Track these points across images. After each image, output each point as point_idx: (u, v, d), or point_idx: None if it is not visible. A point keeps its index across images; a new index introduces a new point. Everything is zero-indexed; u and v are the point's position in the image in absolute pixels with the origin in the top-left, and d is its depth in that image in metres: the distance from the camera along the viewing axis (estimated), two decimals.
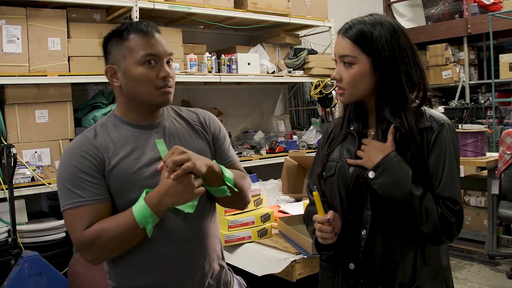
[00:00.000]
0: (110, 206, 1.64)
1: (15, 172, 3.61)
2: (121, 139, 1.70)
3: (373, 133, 1.70)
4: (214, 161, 1.71)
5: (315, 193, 1.64)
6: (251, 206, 2.81)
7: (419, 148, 1.60)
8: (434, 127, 1.61)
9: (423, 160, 1.60)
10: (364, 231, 1.64)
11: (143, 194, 1.60)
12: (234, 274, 1.97)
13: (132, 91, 1.70)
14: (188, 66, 4.80)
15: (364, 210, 1.64)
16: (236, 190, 1.75)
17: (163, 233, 1.67)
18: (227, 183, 1.71)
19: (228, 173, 1.74)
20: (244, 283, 2.02)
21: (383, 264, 1.64)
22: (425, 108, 1.68)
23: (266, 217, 2.78)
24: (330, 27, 5.93)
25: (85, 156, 1.62)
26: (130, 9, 4.31)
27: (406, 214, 1.57)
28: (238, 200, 1.83)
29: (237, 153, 4.09)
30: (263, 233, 2.74)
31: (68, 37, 4.10)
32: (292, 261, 2.38)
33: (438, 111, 1.71)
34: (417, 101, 1.67)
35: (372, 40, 1.61)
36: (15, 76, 3.81)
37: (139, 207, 1.57)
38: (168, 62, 1.73)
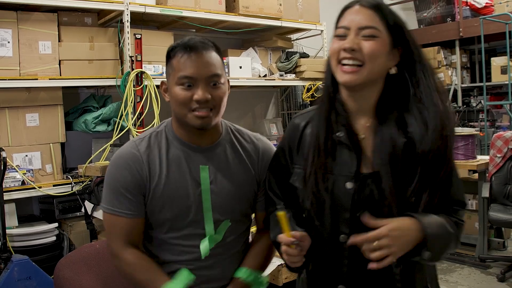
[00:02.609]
0: (143, 221, 1.73)
1: (5, 176, 3.60)
2: (170, 157, 1.72)
3: (366, 138, 1.51)
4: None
5: (280, 213, 1.45)
6: None
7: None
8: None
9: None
10: (344, 235, 1.49)
11: (183, 277, 1.68)
12: None
13: (174, 109, 1.71)
14: None
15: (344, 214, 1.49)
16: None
17: (182, 254, 1.75)
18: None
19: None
20: None
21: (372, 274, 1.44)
22: None
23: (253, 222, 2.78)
24: (322, 31, 5.95)
25: (130, 172, 1.68)
26: (121, 13, 4.31)
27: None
28: None
29: None
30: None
31: (59, 41, 4.10)
32: (278, 265, 2.39)
33: None
34: None
35: (396, 19, 1.48)
36: (5, 79, 3.80)
37: None
38: (214, 84, 1.66)
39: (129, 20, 4.30)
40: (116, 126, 4.17)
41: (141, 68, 4.26)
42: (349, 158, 1.50)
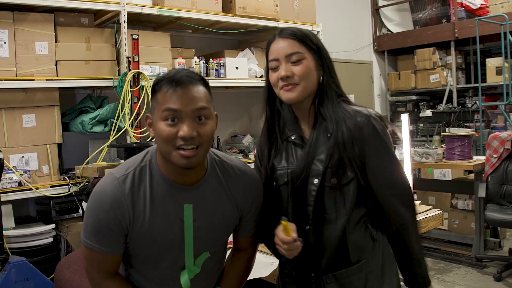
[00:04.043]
0: (121, 256, 1.70)
1: (2, 177, 3.59)
2: (154, 197, 1.65)
3: (312, 136, 1.74)
4: None
5: (284, 222, 1.63)
6: None
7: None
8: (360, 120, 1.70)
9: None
10: (308, 226, 1.70)
11: None
12: None
13: (158, 146, 1.63)
14: None
15: (307, 207, 1.70)
16: None
17: (162, 284, 1.74)
18: None
19: None
20: None
21: (332, 251, 1.70)
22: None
23: None
24: (318, 32, 5.95)
25: (113, 215, 1.60)
26: (118, 13, 4.31)
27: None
28: None
29: None
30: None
31: (55, 41, 4.09)
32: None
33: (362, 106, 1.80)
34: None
35: (311, 38, 1.74)
36: (2, 80, 3.79)
37: None
38: (200, 119, 1.57)
39: (126, 21, 4.30)
40: (113, 127, 4.17)
41: (138, 68, 4.25)
42: (296, 153, 1.77)
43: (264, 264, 2.43)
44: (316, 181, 1.68)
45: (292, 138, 1.78)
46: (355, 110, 1.72)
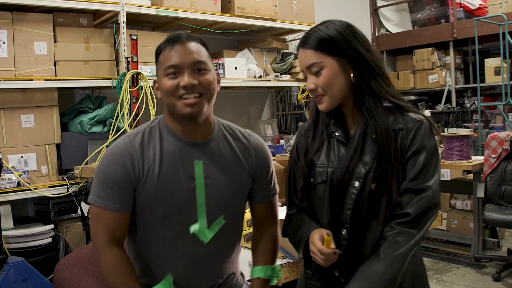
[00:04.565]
0: (129, 217, 1.71)
1: (1, 177, 3.59)
2: (163, 152, 1.70)
3: (357, 136, 1.66)
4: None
5: (327, 237, 1.59)
6: None
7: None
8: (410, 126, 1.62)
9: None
10: (344, 230, 1.65)
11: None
12: (246, 282, 2.01)
13: (164, 101, 1.71)
14: None
15: (344, 210, 1.64)
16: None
17: (173, 251, 1.73)
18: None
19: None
20: None
21: (365, 258, 1.63)
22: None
23: (251, 222, 2.77)
24: None
25: (123, 167, 1.66)
26: (117, 14, 4.31)
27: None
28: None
29: None
30: (249, 238, 2.73)
31: (54, 42, 4.09)
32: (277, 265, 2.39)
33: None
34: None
35: (331, 40, 1.63)
36: (0, 80, 3.79)
37: None
38: (200, 70, 1.68)
39: (125, 21, 4.30)
40: (112, 127, 4.17)
41: (137, 69, 4.25)
42: (339, 151, 1.69)
43: None
44: (357, 184, 1.62)
45: (336, 134, 1.71)
46: (403, 115, 1.65)
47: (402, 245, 1.56)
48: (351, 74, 1.64)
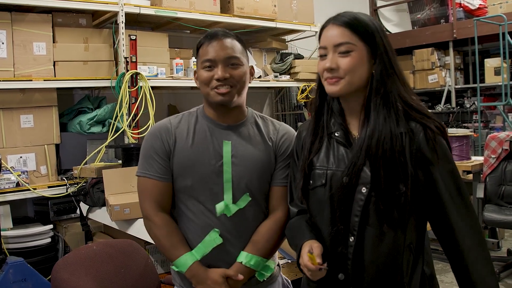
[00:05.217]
0: (171, 186, 1.91)
1: (0, 178, 3.58)
2: (196, 130, 1.91)
3: (362, 137, 1.58)
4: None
5: (310, 255, 1.54)
6: None
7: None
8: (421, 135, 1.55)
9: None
10: (352, 237, 1.57)
11: (192, 258, 1.85)
12: (282, 275, 2.10)
13: (201, 90, 1.90)
14: (174, 71, 4.80)
15: (352, 217, 1.57)
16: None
17: (200, 224, 1.88)
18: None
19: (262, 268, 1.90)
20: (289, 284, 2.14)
21: (373, 271, 1.57)
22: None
23: None
24: (316, 32, 5.95)
25: (160, 138, 1.90)
26: (116, 14, 4.31)
27: None
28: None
29: None
30: None
31: (53, 42, 4.09)
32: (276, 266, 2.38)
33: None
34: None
35: (368, 26, 1.58)
36: (0, 81, 3.78)
37: (181, 263, 1.84)
38: (233, 65, 1.85)
39: (124, 21, 4.30)
40: (111, 127, 4.16)
41: (136, 69, 4.25)
42: (340, 152, 1.63)
43: None
44: (364, 189, 1.54)
45: (336, 135, 1.64)
46: (414, 118, 1.57)
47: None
48: (373, 71, 1.58)
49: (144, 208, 1.91)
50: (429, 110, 7.28)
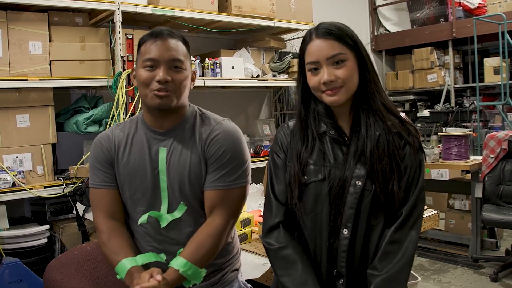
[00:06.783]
0: (118, 194, 1.90)
1: None
2: (134, 140, 1.89)
3: (356, 135, 1.68)
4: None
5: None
6: None
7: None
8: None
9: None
10: (346, 230, 1.64)
11: (132, 262, 1.77)
12: (239, 279, 2.07)
13: (139, 92, 1.86)
14: None
15: (346, 210, 1.64)
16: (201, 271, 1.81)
17: (143, 233, 1.89)
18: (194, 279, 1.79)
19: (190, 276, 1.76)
20: None
21: (366, 262, 1.67)
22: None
23: (246, 222, 2.77)
24: None
25: (101, 148, 1.91)
26: (112, 13, 4.28)
27: None
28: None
29: None
30: (243, 238, 2.72)
31: (49, 41, 4.06)
32: (271, 267, 2.37)
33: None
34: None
35: (351, 35, 1.66)
36: None
37: (120, 269, 1.76)
38: (176, 67, 1.80)
39: (121, 20, 4.28)
40: (107, 127, 4.14)
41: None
42: (334, 150, 1.70)
43: (256, 266, 2.41)
44: (359, 183, 1.63)
45: (331, 133, 1.70)
46: (398, 123, 1.69)
47: None
48: (359, 74, 1.67)
49: (94, 218, 1.90)
50: (428, 110, 7.26)
